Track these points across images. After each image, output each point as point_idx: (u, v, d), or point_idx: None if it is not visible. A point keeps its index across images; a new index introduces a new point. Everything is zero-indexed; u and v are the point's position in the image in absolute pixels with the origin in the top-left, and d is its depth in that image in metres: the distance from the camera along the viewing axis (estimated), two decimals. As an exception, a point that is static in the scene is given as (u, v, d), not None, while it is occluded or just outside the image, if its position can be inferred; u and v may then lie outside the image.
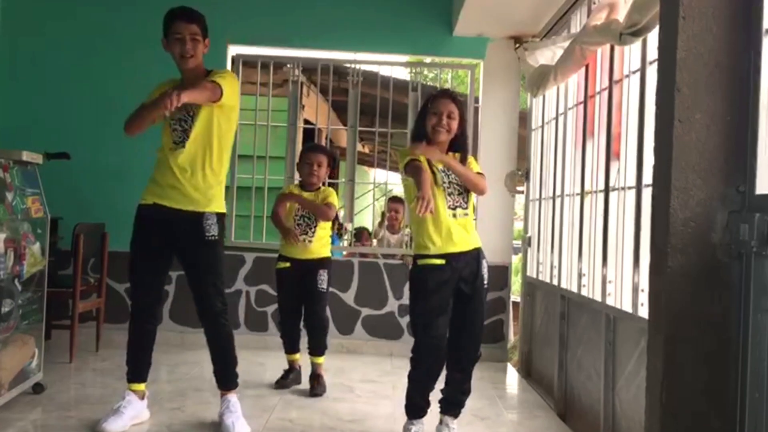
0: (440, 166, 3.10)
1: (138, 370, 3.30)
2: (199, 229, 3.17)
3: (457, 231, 3.09)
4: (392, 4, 5.29)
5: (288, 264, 4.09)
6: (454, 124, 3.10)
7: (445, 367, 3.16)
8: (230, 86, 3.16)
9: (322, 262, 4.10)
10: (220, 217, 3.25)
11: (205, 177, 3.18)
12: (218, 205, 3.25)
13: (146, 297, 3.27)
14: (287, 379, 4.07)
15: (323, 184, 4.19)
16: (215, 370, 3.33)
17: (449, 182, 3.11)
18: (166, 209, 3.17)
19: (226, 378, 3.31)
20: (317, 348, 4.09)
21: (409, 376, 3.15)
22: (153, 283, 3.29)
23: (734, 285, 1.86)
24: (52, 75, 5.19)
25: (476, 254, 3.15)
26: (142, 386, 3.30)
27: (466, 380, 3.18)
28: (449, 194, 3.10)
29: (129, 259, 3.25)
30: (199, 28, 3.15)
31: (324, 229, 4.12)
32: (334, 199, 4.13)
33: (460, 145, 3.17)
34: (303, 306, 4.10)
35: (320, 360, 4.09)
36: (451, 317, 3.13)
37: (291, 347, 4.13)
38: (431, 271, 3.08)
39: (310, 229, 4.06)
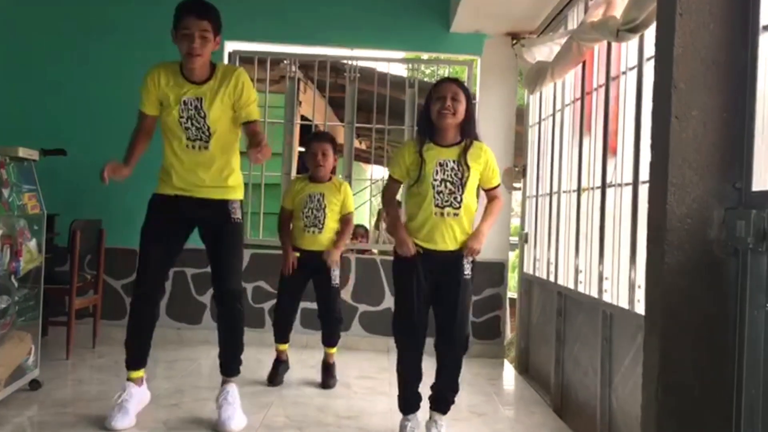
0: (441, 158, 3.05)
1: (139, 356, 3.30)
2: (226, 211, 3.23)
3: (442, 231, 3.05)
4: (390, 0, 5.28)
5: (298, 254, 4.06)
6: (461, 107, 3.04)
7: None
8: (256, 102, 3.22)
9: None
10: (241, 203, 3.32)
11: (231, 167, 3.25)
12: (241, 192, 3.32)
13: (153, 281, 3.25)
14: (278, 372, 4.07)
15: (332, 172, 4.16)
16: (221, 355, 3.33)
17: (441, 180, 3.04)
18: (191, 199, 3.20)
19: (232, 363, 3.33)
20: (331, 339, 4.12)
21: (396, 367, 3.17)
22: (162, 268, 3.29)
23: (730, 281, 1.87)
24: (49, 71, 5.18)
25: (458, 254, 3.09)
26: (140, 372, 3.30)
27: (452, 377, 3.13)
28: (438, 192, 3.04)
29: (140, 244, 3.23)
30: (211, 25, 3.04)
31: (334, 220, 4.08)
32: (351, 201, 4.14)
33: (468, 130, 3.11)
34: (317, 301, 4.11)
35: (333, 350, 4.14)
36: (435, 312, 3.13)
37: (282, 336, 4.11)
38: (405, 259, 3.09)
39: (319, 221, 4.03)
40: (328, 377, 4.10)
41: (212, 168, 3.19)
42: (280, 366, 4.11)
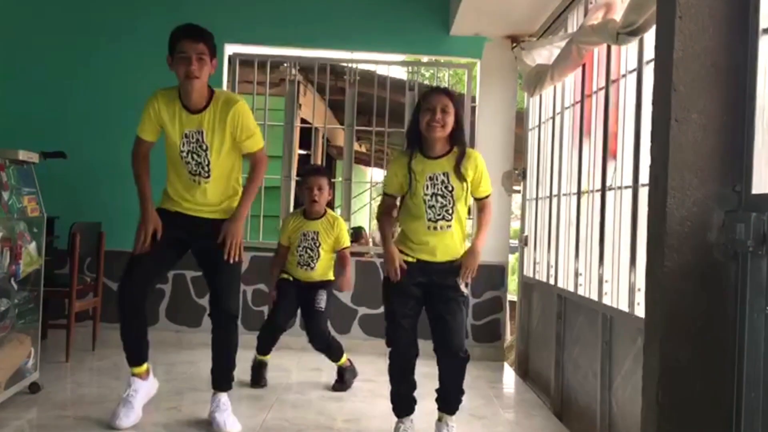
0: (430, 172, 3.03)
1: (137, 353, 3.29)
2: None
3: (435, 243, 3.05)
4: (389, 3, 5.29)
5: (290, 278, 4.09)
6: (449, 119, 3.00)
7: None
8: (257, 129, 3.23)
9: (324, 284, 4.09)
10: None
11: (231, 193, 3.28)
12: None
13: (139, 283, 3.18)
14: (262, 375, 4.07)
15: (328, 205, 4.16)
16: (214, 370, 3.33)
17: (432, 194, 3.03)
18: (192, 216, 3.22)
19: (223, 379, 3.32)
20: (332, 357, 4.13)
21: (387, 369, 3.18)
22: (149, 274, 3.23)
23: (730, 285, 1.87)
24: (49, 74, 5.18)
25: (454, 265, 3.08)
26: (143, 367, 3.30)
27: (455, 382, 3.13)
28: (430, 207, 3.03)
29: (133, 252, 3.22)
30: (207, 47, 3.06)
31: (327, 257, 4.08)
32: (346, 236, 4.12)
33: (457, 140, 3.07)
34: (305, 326, 4.10)
35: (342, 362, 4.14)
36: (430, 319, 3.12)
37: (265, 351, 4.10)
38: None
39: (313, 261, 4.03)
40: (338, 381, 4.11)
41: (213, 197, 3.22)
42: (262, 368, 4.10)
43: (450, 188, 3.03)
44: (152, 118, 3.15)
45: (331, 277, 4.14)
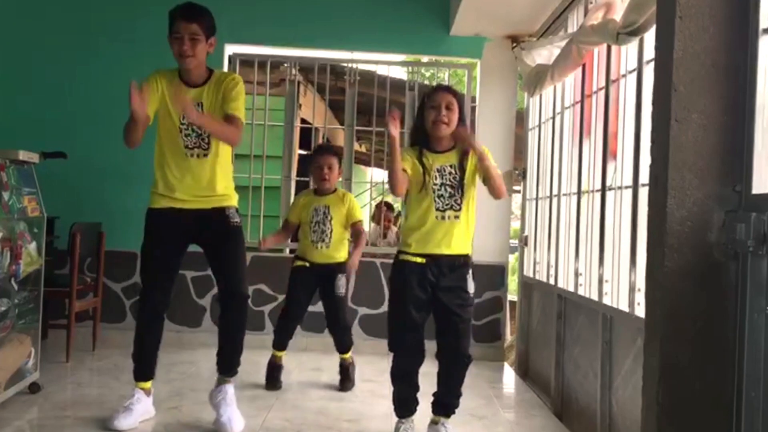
0: (439, 164, 3.06)
1: (147, 368, 3.31)
2: (224, 218, 3.25)
3: (440, 233, 3.04)
4: (389, 3, 5.29)
5: (306, 264, 4.09)
6: (454, 117, 3.03)
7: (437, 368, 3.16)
8: (243, 106, 3.23)
9: (340, 267, 4.09)
10: (237, 209, 3.34)
11: (226, 176, 3.28)
12: (236, 199, 3.35)
13: (159, 298, 3.26)
14: (276, 377, 4.05)
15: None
16: (221, 353, 3.32)
17: (441, 183, 3.05)
18: (185, 210, 3.21)
19: (231, 363, 3.32)
20: (342, 346, 4.14)
21: (390, 372, 3.17)
22: (166, 284, 3.29)
23: (731, 285, 1.87)
24: (49, 74, 5.18)
25: (461, 262, 3.07)
26: (148, 384, 3.31)
27: (455, 386, 3.13)
28: (439, 196, 3.04)
29: (142, 261, 3.27)
30: (201, 27, 3.10)
31: (340, 232, 4.09)
32: (358, 209, 4.14)
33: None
34: (324, 311, 4.13)
35: (347, 356, 4.15)
36: (437, 320, 3.11)
37: (281, 344, 4.10)
38: (407, 267, 3.07)
39: (326, 235, 4.04)
40: (344, 380, 4.11)
41: (210, 177, 3.21)
42: (275, 371, 4.08)
43: (458, 177, 3.06)
44: (153, 93, 3.14)
45: (345, 257, 4.13)
